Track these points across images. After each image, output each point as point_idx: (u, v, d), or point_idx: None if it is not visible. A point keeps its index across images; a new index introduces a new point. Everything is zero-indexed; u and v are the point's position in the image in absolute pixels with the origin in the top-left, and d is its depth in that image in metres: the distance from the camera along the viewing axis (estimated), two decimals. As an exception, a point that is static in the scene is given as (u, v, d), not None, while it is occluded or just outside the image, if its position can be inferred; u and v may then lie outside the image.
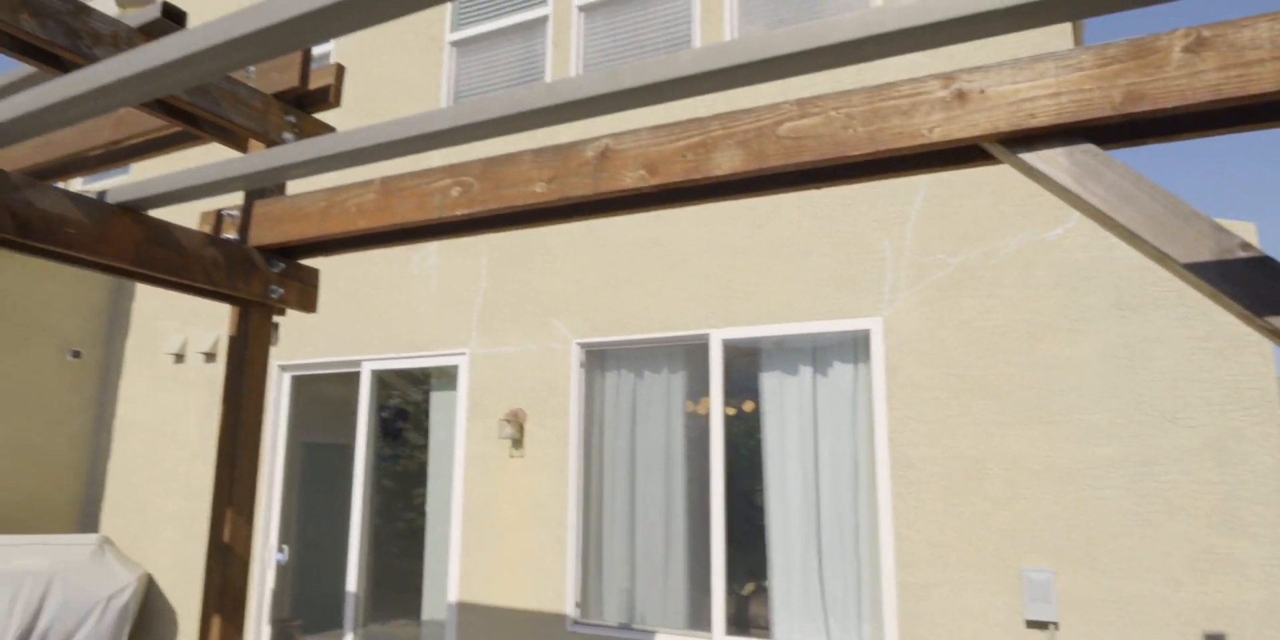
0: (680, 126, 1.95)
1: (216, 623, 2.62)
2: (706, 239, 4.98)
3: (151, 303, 7.38)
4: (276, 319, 2.81)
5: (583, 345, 5.22)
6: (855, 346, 4.53)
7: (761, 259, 4.80)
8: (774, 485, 4.63)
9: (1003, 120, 1.64)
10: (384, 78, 6.51)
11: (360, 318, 6.13)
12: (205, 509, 6.52)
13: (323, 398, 7.05)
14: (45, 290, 7.19)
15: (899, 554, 4.15)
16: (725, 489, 4.69)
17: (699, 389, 4.99)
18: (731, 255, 4.89)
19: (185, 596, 6.53)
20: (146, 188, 2.27)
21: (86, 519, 7.28)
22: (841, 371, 4.56)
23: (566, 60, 5.70)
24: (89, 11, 2.17)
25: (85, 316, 7.47)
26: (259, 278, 2.63)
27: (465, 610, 5.28)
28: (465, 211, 2.22)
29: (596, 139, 2.04)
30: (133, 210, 2.33)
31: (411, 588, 5.94)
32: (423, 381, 6.26)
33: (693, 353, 5.00)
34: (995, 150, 1.70)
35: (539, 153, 2.13)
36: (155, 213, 2.40)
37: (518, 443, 5.35)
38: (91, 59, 2.15)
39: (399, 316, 5.98)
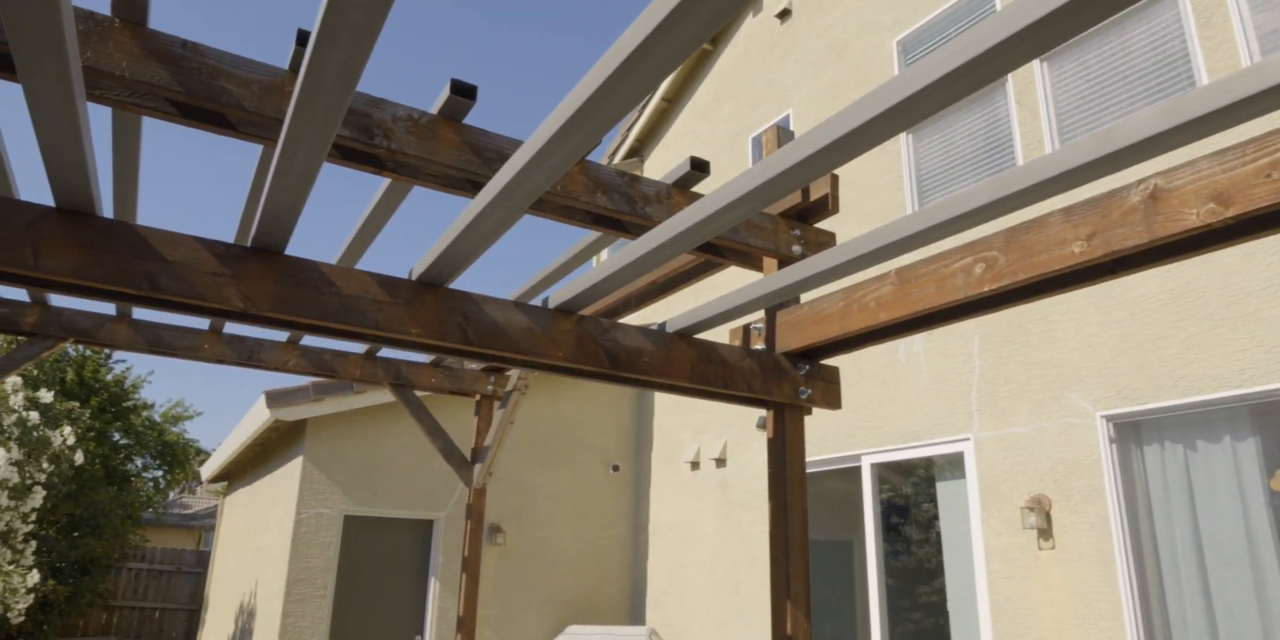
0: (1254, 144, 1.68)
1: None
2: (1258, 274, 4.15)
3: (668, 419, 8.43)
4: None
5: (1109, 417, 4.61)
6: None
7: (1340, 287, 3.83)
8: None
9: None
10: (847, 176, 6.81)
11: (852, 412, 6.24)
12: (728, 602, 6.98)
13: (814, 494, 7.21)
14: (590, 415, 8.69)
15: None
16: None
17: (1278, 457, 4.03)
18: (1293, 289, 3.99)
19: (729, 691, 6.95)
20: (696, 315, 2.63)
21: (635, 610, 8.28)
22: None
23: (1035, 116, 5.39)
24: (639, 179, 2.65)
25: (619, 436, 8.82)
26: (789, 381, 2.84)
27: (1021, 726, 4.74)
28: (991, 287, 2.15)
29: (1141, 181, 1.85)
30: (686, 336, 2.70)
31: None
32: (910, 472, 6.08)
33: (1262, 414, 4.09)
34: None
35: (1068, 211, 2.00)
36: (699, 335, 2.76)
37: (1045, 533, 4.82)
38: (646, 217, 2.61)
39: (891, 407, 5.95)
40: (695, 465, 7.79)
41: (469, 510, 5.21)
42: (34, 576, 8.38)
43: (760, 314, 3.00)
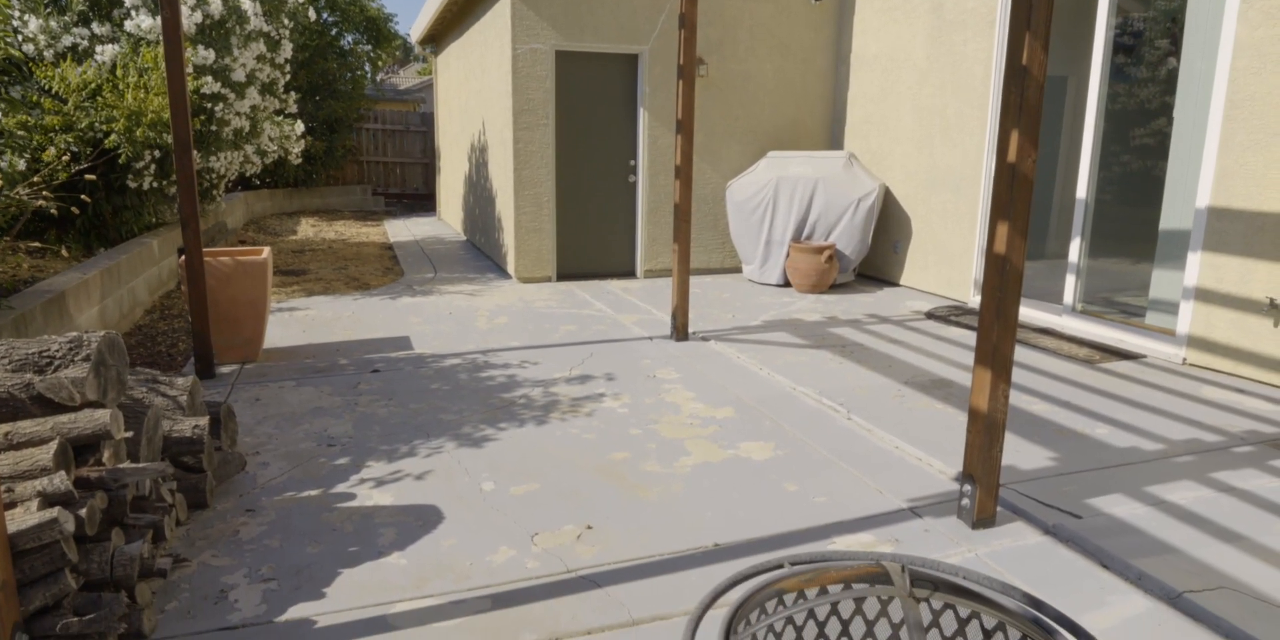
0: None
1: (1015, 136, 2.95)
2: None
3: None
4: None
5: None
6: None
7: None
8: None
9: None
10: None
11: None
12: (931, 125, 7.12)
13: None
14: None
15: None
16: None
17: None
18: None
19: (916, 205, 7.50)
20: None
21: (834, 139, 8.67)
22: None
23: None
24: None
25: (823, -44, 8.21)
26: None
27: (1217, 216, 4.93)
28: None
29: None
30: None
31: (1144, 202, 5.74)
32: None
33: None
34: None
35: None
36: None
37: (1318, 17, 4.36)
38: None
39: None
40: (910, -15, 7.28)
41: (681, 20, 5.33)
42: (300, 125, 9.73)
43: None
